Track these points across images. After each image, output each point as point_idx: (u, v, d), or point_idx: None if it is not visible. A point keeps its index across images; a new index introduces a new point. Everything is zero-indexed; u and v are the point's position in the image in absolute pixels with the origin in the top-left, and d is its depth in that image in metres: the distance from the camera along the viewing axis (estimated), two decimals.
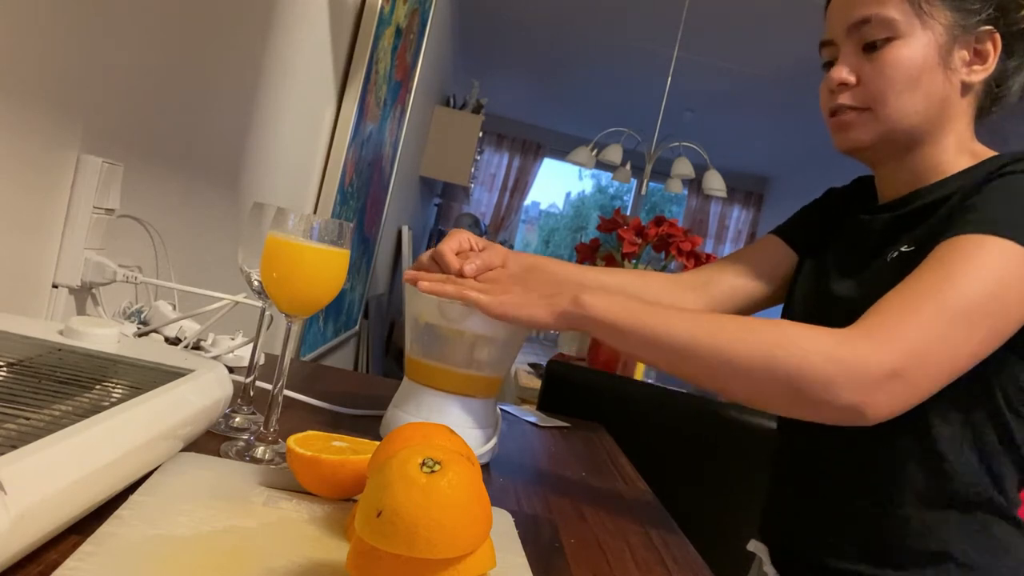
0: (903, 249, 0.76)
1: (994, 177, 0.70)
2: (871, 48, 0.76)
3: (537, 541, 0.59)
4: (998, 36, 0.74)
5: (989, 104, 0.79)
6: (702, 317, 0.68)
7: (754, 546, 0.92)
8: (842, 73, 0.77)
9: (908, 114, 0.75)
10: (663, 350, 0.68)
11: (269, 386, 0.66)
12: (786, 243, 0.96)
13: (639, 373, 2.39)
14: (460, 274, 0.78)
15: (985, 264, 0.63)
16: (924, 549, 0.72)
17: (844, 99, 0.78)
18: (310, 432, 0.57)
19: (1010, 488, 0.72)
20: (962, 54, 0.75)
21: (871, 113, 0.77)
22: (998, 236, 0.64)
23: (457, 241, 0.81)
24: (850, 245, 0.85)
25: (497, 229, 7.15)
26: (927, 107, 0.75)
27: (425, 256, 0.81)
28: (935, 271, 0.65)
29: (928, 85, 0.74)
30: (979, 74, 0.75)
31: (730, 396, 0.67)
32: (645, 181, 3.78)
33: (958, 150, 0.78)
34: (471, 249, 0.82)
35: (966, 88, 0.76)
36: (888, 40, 0.74)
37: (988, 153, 0.78)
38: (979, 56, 0.75)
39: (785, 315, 0.90)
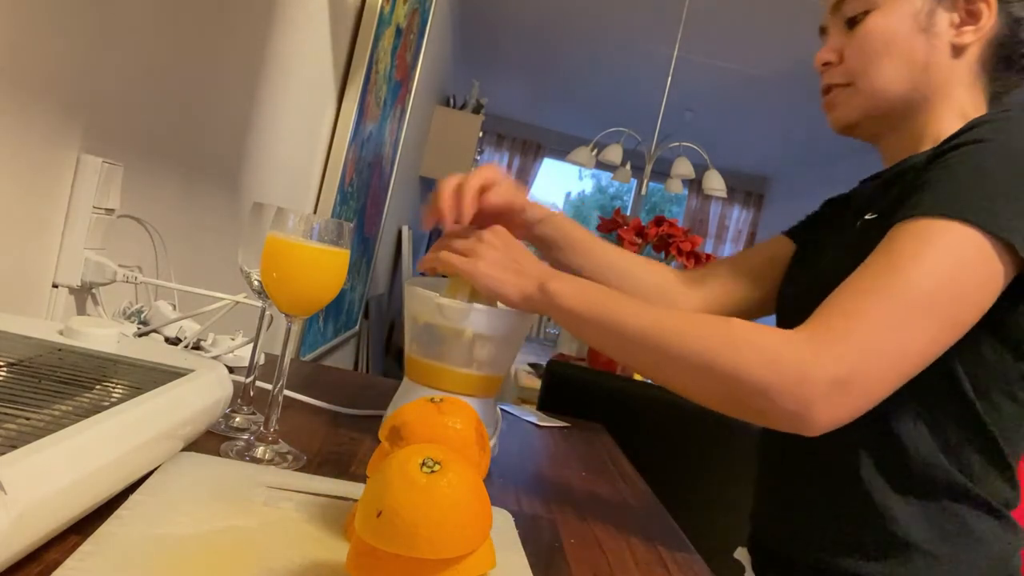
0: (867, 216, 0.74)
1: (953, 146, 0.66)
2: (852, 24, 0.76)
3: (537, 541, 0.59)
4: None
5: (1005, 65, 0.74)
6: (659, 313, 0.66)
7: (740, 554, 0.87)
8: (823, 53, 0.78)
9: (888, 83, 0.74)
10: (615, 342, 0.68)
11: (269, 386, 0.66)
12: (790, 238, 0.94)
13: (639, 373, 2.37)
14: (456, 221, 0.79)
15: (937, 252, 0.60)
16: (886, 536, 0.68)
17: (829, 78, 0.79)
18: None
19: (987, 475, 0.68)
20: (950, 16, 0.72)
21: (853, 88, 0.76)
22: (951, 219, 0.60)
23: (481, 178, 0.81)
24: (841, 217, 0.84)
25: None
26: (910, 74, 0.73)
27: (448, 193, 0.80)
28: (884, 261, 0.61)
29: (907, 52, 0.73)
30: (971, 35, 0.72)
31: (677, 392, 0.66)
32: (645, 181, 3.78)
33: (958, 116, 0.74)
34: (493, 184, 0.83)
35: (958, 50, 0.73)
36: (866, 13, 0.75)
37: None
38: (971, 16, 0.72)
39: (778, 303, 0.89)
